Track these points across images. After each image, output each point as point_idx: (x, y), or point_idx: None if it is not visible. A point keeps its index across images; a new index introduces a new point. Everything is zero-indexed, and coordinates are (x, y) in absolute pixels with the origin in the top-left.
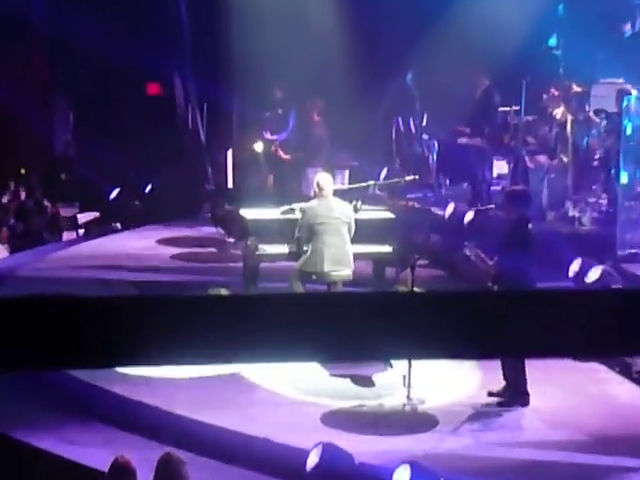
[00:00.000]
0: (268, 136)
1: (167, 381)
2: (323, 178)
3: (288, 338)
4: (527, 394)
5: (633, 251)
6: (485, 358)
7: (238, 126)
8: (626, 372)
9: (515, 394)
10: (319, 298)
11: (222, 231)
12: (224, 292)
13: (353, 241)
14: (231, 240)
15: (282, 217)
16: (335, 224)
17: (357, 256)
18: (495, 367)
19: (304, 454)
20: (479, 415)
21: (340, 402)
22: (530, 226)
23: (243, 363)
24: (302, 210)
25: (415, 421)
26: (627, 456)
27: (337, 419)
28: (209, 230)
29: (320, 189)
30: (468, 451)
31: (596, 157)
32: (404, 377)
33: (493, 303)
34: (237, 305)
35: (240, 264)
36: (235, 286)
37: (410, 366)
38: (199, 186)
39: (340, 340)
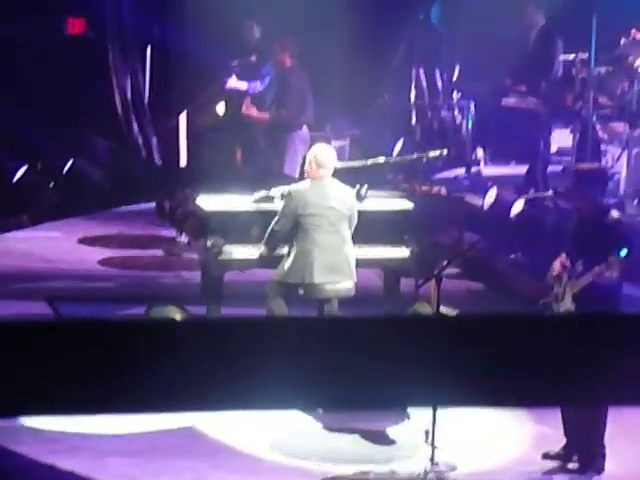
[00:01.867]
0: (235, 85)
1: (93, 438)
2: (325, 150)
3: (266, 378)
4: (602, 456)
5: None
6: (539, 406)
7: (195, 80)
8: None
9: (584, 456)
10: (308, 323)
11: (172, 227)
12: (174, 314)
13: (356, 241)
14: (184, 240)
15: (257, 207)
16: (331, 217)
17: (362, 262)
18: (553, 417)
19: None
20: None
21: (337, 467)
22: (616, 216)
23: (203, 411)
24: (287, 194)
25: None
26: None
27: None
28: (153, 225)
29: (319, 166)
30: None
31: None
32: (427, 432)
33: (553, 330)
34: (193, 333)
35: (197, 273)
36: (190, 305)
37: (435, 417)
38: (139, 163)
39: (337, 381)
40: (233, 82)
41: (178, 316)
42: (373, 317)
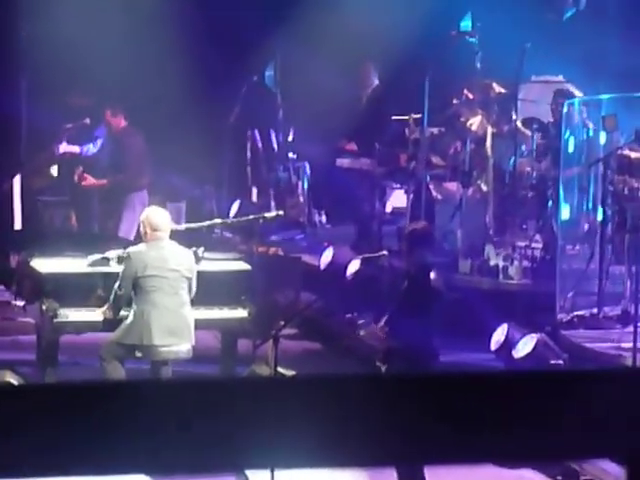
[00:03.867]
0: (67, 148)
1: None
2: (157, 213)
3: (103, 442)
4: None
5: (579, 314)
6: (377, 466)
7: (29, 143)
8: None
9: None
10: (143, 387)
11: (7, 290)
12: (10, 379)
13: (193, 302)
14: (19, 303)
15: (92, 270)
16: (171, 279)
17: (199, 324)
18: (390, 476)
19: None
20: None
21: None
22: (434, 277)
23: (37, 477)
24: (126, 257)
25: None
26: None
27: None
28: None
29: (153, 229)
30: None
31: (527, 184)
32: None
33: (387, 390)
34: (26, 399)
35: (33, 337)
36: (26, 369)
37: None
38: None
39: (173, 444)
40: (65, 146)
41: (14, 381)
42: (209, 378)
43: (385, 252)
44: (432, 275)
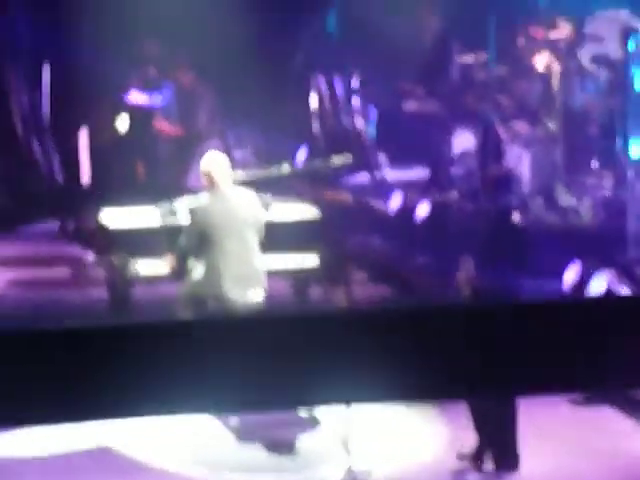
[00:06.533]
0: (135, 98)
1: (6, 461)
2: (212, 160)
3: (173, 384)
4: (516, 455)
5: None
6: (453, 399)
7: (96, 93)
8: None
9: (498, 455)
10: (215, 325)
11: (77, 245)
12: None
13: (264, 250)
14: (90, 257)
15: (161, 222)
16: (238, 226)
17: (270, 272)
18: (465, 418)
19: None
20: None
21: (252, 477)
22: (516, 220)
23: (99, 419)
24: (191, 210)
25: None
26: None
27: None
28: (58, 244)
29: (214, 177)
30: None
31: (594, 123)
32: (343, 438)
33: (466, 322)
34: (104, 343)
35: (104, 290)
36: (99, 321)
37: (349, 420)
38: (40, 182)
39: (249, 382)
40: (133, 96)
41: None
42: (286, 315)
43: (455, 193)
44: (514, 217)
